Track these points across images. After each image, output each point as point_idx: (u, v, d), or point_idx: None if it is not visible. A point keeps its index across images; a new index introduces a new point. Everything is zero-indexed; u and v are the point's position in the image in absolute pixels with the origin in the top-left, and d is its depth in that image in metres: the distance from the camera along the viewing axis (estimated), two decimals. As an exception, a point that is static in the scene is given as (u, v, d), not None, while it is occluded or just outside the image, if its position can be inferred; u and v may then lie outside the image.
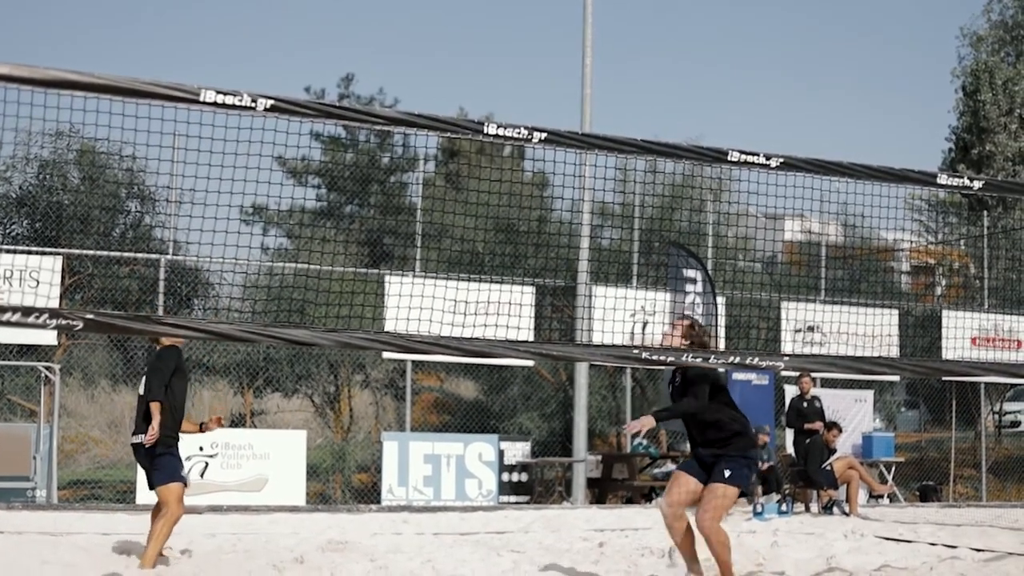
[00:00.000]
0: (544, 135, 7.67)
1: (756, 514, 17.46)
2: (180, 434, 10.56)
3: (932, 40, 68.34)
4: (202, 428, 10.94)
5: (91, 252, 18.72)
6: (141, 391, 10.54)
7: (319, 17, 63.85)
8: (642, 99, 67.39)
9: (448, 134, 7.56)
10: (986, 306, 22.47)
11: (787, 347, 19.72)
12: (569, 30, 71.57)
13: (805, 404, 18.96)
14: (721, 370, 9.22)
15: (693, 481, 8.69)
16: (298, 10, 63.44)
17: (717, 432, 8.66)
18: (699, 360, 8.18)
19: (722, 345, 18.93)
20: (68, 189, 19.12)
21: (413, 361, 20.45)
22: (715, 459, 8.64)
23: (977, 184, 8.91)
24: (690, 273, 19.25)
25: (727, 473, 8.57)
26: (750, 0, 68.66)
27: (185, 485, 10.51)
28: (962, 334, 20.72)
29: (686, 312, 8.80)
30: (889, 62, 69.81)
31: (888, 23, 69.22)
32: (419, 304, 10.05)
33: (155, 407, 10.33)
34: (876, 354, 18.14)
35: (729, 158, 8.15)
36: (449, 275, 17.34)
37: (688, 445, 9.10)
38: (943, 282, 27.12)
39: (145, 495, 16.78)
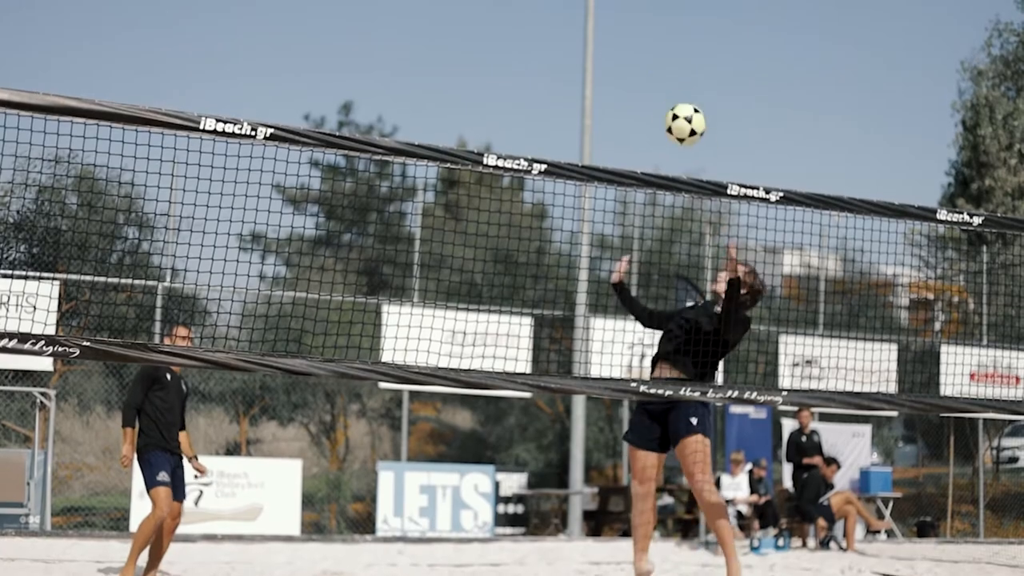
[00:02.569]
0: (544, 167, 7.66)
1: (753, 549, 17.40)
2: (169, 442, 10.70)
3: (932, 74, 68.46)
4: (192, 460, 11.06)
5: (88, 278, 18.69)
6: None
7: (319, 45, 64.00)
8: (642, 131, 67.52)
9: (448, 164, 7.54)
10: (985, 341, 22.43)
11: (785, 381, 19.67)
12: (570, 62, 71.71)
13: (804, 438, 18.90)
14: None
15: (652, 455, 8.53)
16: (298, 38, 63.60)
17: (704, 364, 8.46)
18: (696, 394, 8.12)
19: (720, 378, 18.87)
20: (66, 215, 19.10)
21: (410, 391, 20.41)
22: (671, 406, 8.39)
23: (977, 220, 8.89)
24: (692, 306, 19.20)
25: (694, 421, 8.36)
26: (750, 34, 68.86)
27: (167, 485, 10.59)
28: (961, 369, 20.67)
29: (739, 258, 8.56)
30: (889, 96, 69.97)
31: (888, 57, 69.42)
32: (416, 334, 10.02)
33: (122, 433, 10.61)
34: (875, 389, 18.10)
35: (729, 192, 8.14)
36: (447, 305, 17.31)
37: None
38: (942, 317, 27.07)
39: (139, 523, 16.73)
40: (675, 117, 8.21)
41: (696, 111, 8.19)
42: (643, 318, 9.07)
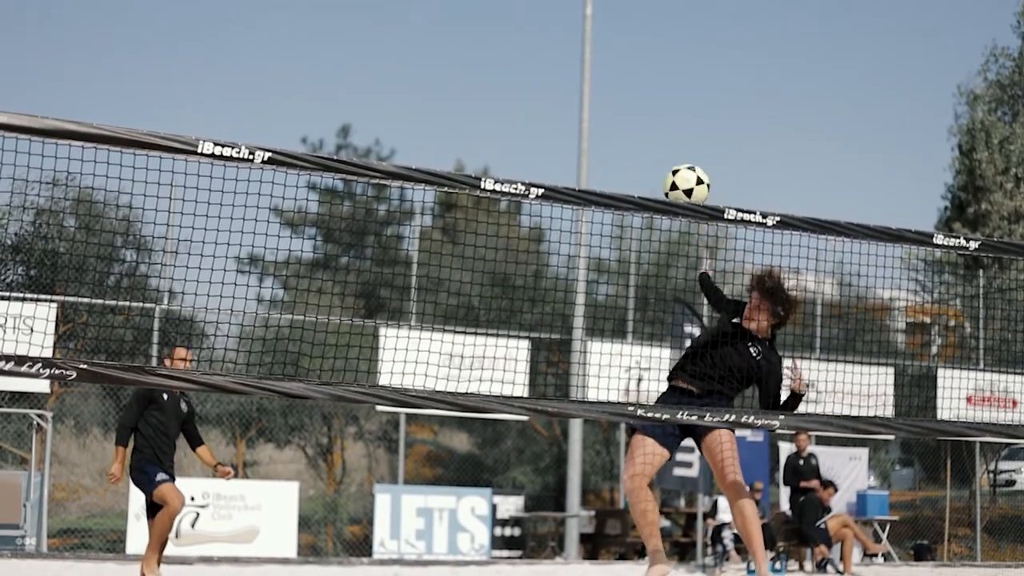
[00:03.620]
0: (541, 191, 7.66)
1: (750, 572, 17.38)
2: (162, 460, 10.82)
3: (929, 98, 68.60)
4: (216, 467, 11.21)
5: (86, 300, 18.69)
6: None
7: (317, 68, 64.12)
8: (640, 154, 67.62)
9: (445, 188, 7.55)
10: (981, 365, 22.44)
11: (782, 404, 19.64)
12: (567, 86, 71.84)
13: (801, 462, 18.89)
14: None
15: (660, 450, 8.24)
16: (296, 61, 63.71)
17: (735, 385, 8.35)
18: (694, 418, 8.11)
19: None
20: (64, 237, 19.12)
21: (407, 413, 20.40)
22: (700, 399, 8.25)
23: (973, 244, 8.90)
24: (689, 329, 19.23)
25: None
26: (748, 59, 69.00)
27: (170, 481, 10.77)
28: (957, 393, 20.68)
29: (764, 281, 8.22)
30: (886, 120, 70.09)
31: (884, 81, 69.56)
32: (414, 357, 10.02)
33: (115, 451, 10.73)
34: (872, 412, 18.10)
35: (726, 216, 8.15)
36: (444, 328, 17.31)
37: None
38: (938, 340, 27.08)
39: (135, 544, 16.71)
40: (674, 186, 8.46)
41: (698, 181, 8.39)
42: (718, 303, 8.94)
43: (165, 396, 10.87)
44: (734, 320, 8.55)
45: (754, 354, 8.37)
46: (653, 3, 66.44)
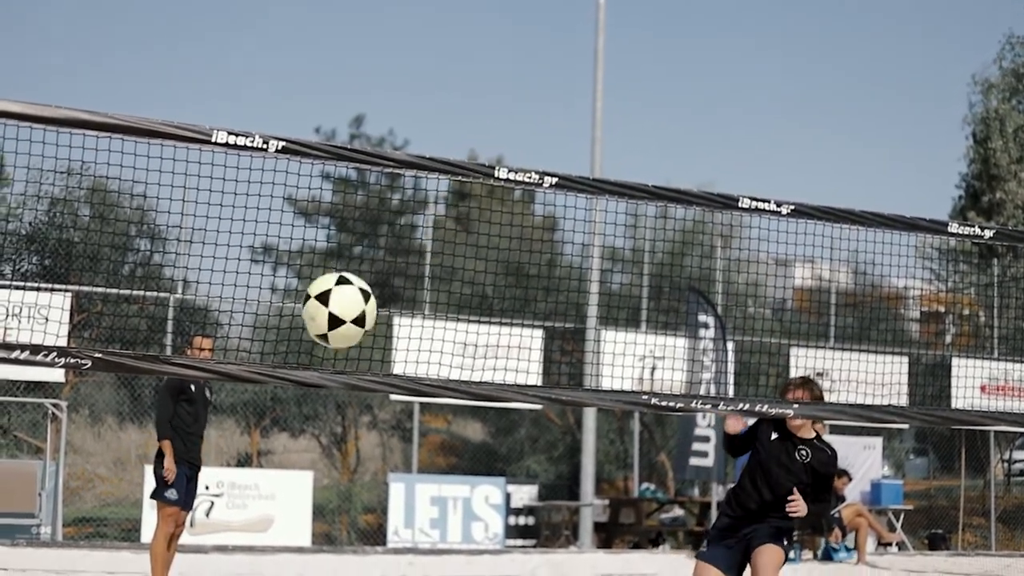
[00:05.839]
0: (555, 180, 7.65)
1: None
2: (191, 451, 10.81)
3: (943, 87, 68.39)
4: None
5: (100, 289, 18.74)
6: None
7: (330, 58, 64.13)
8: (653, 143, 67.54)
9: (459, 177, 7.54)
10: (996, 354, 22.39)
11: (796, 393, 19.61)
12: (580, 75, 71.74)
13: (815, 451, 18.85)
14: None
15: (718, 574, 7.77)
16: (310, 51, 63.73)
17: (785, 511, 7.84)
18: (708, 406, 8.11)
19: (731, 391, 18.88)
20: (78, 227, 19.16)
21: (421, 402, 20.41)
22: (760, 523, 7.81)
23: (988, 233, 8.87)
24: (703, 318, 19.22)
25: (775, 534, 7.75)
26: (763, 48, 68.90)
27: (176, 504, 10.68)
28: (972, 382, 20.64)
29: (800, 377, 7.98)
30: (900, 109, 69.88)
31: (899, 70, 69.37)
32: (428, 346, 10.03)
33: (162, 446, 10.63)
34: (886, 401, 18.08)
35: (740, 204, 8.13)
36: (458, 317, 17.31)
37: (719, 518, 8.10)
38: (953, 329, 27.04)
39: (150, 533, 16.75)
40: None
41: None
42: (747, 439, 8.56)
43: (193, 387, 10.88)
44: (773, 437, 8.22)
45: (801, 458, 8.05)
46: (667, -8, 66.32)
